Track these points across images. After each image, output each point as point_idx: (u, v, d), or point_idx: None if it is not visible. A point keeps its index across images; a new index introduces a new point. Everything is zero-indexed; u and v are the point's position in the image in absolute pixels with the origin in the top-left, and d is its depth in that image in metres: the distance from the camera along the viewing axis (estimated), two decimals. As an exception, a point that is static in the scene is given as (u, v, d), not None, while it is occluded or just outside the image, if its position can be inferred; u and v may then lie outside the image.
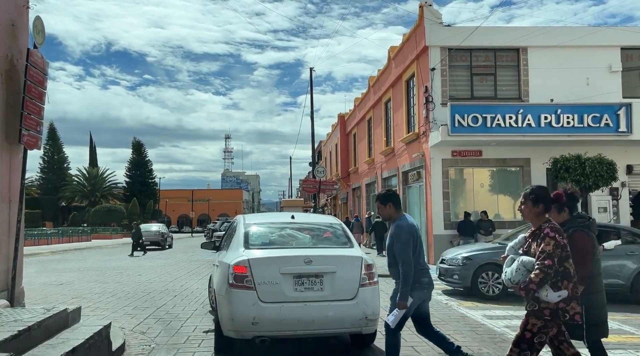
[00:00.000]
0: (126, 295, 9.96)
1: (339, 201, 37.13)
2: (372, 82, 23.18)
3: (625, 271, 8.83)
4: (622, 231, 9.27)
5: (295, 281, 4.95)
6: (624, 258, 8.87)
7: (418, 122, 16.45)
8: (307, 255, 5.09)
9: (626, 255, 8.90)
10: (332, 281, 5.04)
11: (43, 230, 38.13)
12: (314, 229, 5.99)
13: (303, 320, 4.91)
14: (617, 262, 8.83)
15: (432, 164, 15.21)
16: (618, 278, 8.84)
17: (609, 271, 8.59)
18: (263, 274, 4.91)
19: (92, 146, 74.08)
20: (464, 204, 15.33)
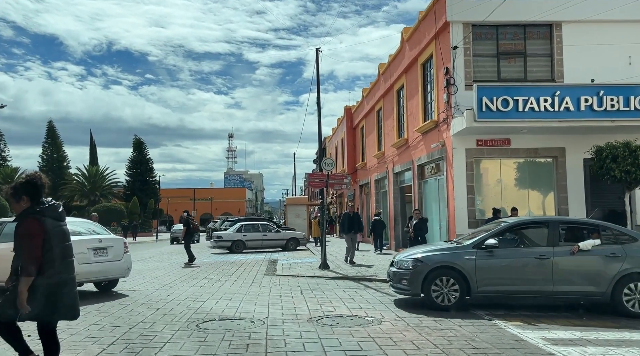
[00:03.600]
0: (99, 308, 8.33)
1: (346, 199, 35.44)
2: (382, 69, 21.48)
3: (603, 277, 7.39)
4: (603, 229, 7.86)
5: (93, 252, 9.46)
6: (603, 261, 7.46)
7: (437, 109, 14.75)
8: (99, 238, 9.75)
9: (606, 258, 7.46)
10: (112, 251, 9.75)
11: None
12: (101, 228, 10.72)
13: (99, 272, 9.58)
14: (595, 266, 7.46)
15: (454, 155, 13.50)
16: (595, 285, 7.42)
17: (583, 277, 7.50)
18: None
19: (92, 145, 72.75)
20: (490, 200, 13.62)
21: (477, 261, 7.61)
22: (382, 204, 23.40)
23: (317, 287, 10.52)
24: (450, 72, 13.58)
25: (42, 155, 65.52)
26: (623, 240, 7.64)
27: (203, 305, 8.53)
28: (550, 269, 7.45)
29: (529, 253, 7.69)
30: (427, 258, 7.94)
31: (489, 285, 7.61)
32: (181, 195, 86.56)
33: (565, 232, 8.11)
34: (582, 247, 7.50)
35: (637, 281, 7.34)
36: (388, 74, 20.57)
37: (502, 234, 8.01)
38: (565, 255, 7.52)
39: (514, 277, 7.58)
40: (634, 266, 7.40)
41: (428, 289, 7.72)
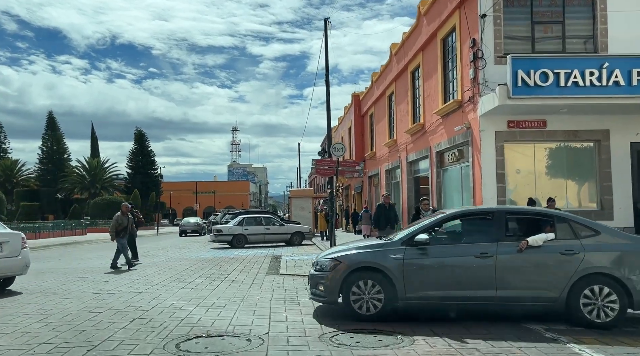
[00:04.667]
0: (62, 318, 6.80)
1: (353, 191, 33.87)
2: (395, 49, 19.81)
3: (557, 278, 6.05)
4: (558, 220, 6.41)
5: None
6: (556, 260, 6.09)
7: (461, 87, 13.10)
8: None
9: (560, 256, 6.09)
10: (7, 247, 9.16)
11: (32, 223, 35.29)
12: None
13: None
14: (546, 265, 6.10)
15: (482, 138, 11.88)
16: (547, 289, 6.07)
17: (533, 279, 6.13)
18: None
19: (93, 137, 71.49)
20: (523, 189, 12.00)
21: (406, 260, 6.28)
22: (394, 196, 21.78)
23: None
24: (477, 44, 11.94)
25: (42, 147, 64.25)
26: (583, 234, 6.23)
27: (190, 314, 6.99)
28: (492, 270, 6.11)
29: (468, 251, 6.29)
30: (347, 257, 6.58)
31: (420, 289, 6.24)
32: (184, 188, 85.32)
33: (514, 224, 6.82)
34: (532, 242, 6.11)
35: (598, 283, 5.97)
36: (401, 54, 18.89)
37: (437, 227, 6.74)
38: (511, 253, 6.15)
39: (449, 280, 6.22)
40: (594, 265, 6.02)
41: (347, 295, 6.36)
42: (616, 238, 6.21)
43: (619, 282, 5.91)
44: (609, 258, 6.04)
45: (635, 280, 5.91)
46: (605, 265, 6.01)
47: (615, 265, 5.98)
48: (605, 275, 5.97)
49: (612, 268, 5.98)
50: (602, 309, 5.90)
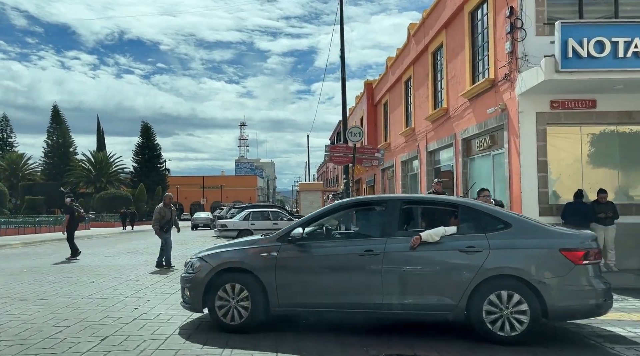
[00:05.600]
0: (17, 334, 5.43)
1: (364, 184, 32.39)
2: (414, 29, 18.24)
3: (455, 282, 4.95)
4: (463, 210, 5.32)
5: None
6: (455, 259, 5.00)
7: (494, 64, 11.55)
8: None
9: (460, 254, 4.99)
10: None
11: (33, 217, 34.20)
12: None
13: None
14: (443, 266, 5.01)
15: (521, 121, 10.35)
16: (442, 295, 4.97)
17: (425, 283, 5.05)
18: None
19: (99, 131, 70.58)
20: (568, 179, 10.47)
21: (280, 260, 5.31)
22: (410, 189, 20.28)
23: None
24: (516, 13, 10.38)
25: (47, 141, 63.40)
26: (490, 228, 5.10)
27: (179, 330, 5.59)
28: (378, 271, 5.05)
29: (353, 248, 5.24)
30: (213, 256, 5.62)
31: (296, 295, 5.25)
32: (191, 183, 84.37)
33: (414, 216, 5.87)
34: (425, 237, 5.05)
35: (505, 288, 4.86)
36: (421, 34, 17.33)
37: (320, 220, 5.75)
38: (402, 251, 5.08)
39: (330, 284, 5.19)
40: (500, 265, 4.89)
41: (212, 302, 5.40)
42: (530, 232, 5.03)
43: (531, 287, 4.78)
44: (519, 256, 4.88)
45: (549, 284, 4.77)
46: (513, 266, 4.85)
47: (526, 266, 4.83)
48: (513, 278, 4.83)
49: (521, 269, 4.82)
50: (509, 320, 4.79)
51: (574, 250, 4.86)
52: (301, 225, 5.50)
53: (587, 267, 4.86)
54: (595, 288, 4.83)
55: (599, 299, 4.82)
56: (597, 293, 4.82)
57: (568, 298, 4.78)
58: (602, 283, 4.91)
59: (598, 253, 5.02)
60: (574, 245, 4.91)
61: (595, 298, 4.82)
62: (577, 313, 4.91)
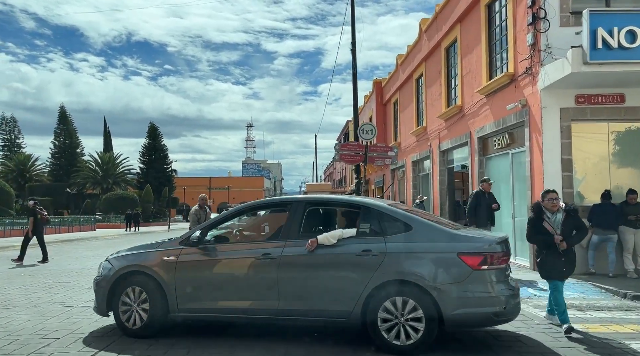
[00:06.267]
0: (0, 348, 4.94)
1: (373, 185, 31.82)
2: (425, 25, 17.66)
3: (350, 287, 4.73)
4: (365, 212, 5.08)
5: None
6: (351, 263, 4.78)
7: (514, 58, 10.95)
8: None
9: (356, 258, 4.77)
10: None
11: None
12: None
13: None
14: (338, 270, 4.82)
15: (544, 117, 9.75)
16: (337, 301, 4.75)
17: (320, 288, 4.84)
18: None
19: (106, 132, 70.59)
20: (594, 179, 9.86)
21: (179, 264, 5.21)
22: (422, 190, 19.70)
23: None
24: (538, 2, 9.79)
25: (54, 142, 63.47)
26: (391, 230, 4.85)
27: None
28: (275, 275, 4.90)
29: (252, 252, 5.13)
30: (119, 259, 5.56)
31: (196, 299, 5.13)
32: (198, 184, 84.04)
33: (319, 218, 5.57)
34: (322, 240, 4.85)
35: (401, 294, 4.59)
36: (433, 29, 16.75)
37: (223, 224, 5.65)
38: (299, 254, 4.91)
39: (230, 288, 5.08)
40: (396, 270, 4.63)
41: (117, 305, 5.33)
42: (430, 235, 4.75)
43: (426, 293, 4.53)
44: (415, 261, 4.62)
45: (445, 290, 4.50)
46: (409, 271, 4.59)
47: (422, 271, 4.56)
48: (409, 284, 4.57)
49: (417, 274, 4.56)
50: (404, 328, 4.54)
51: (473, 254, 4.53)
52: (202, 229, 5.37)
53: (487, 273, 4.53)
54: (495, 295, 4.51)
55: (498, 307, 4.50)
56: (497, 300, 4.51)
57: (464, 306, 4.48)
58: (505, 290, 4.59)
59: (502, 257, 4.64)
60: (473, 249, 4.57)
61: (494, 305, 4.50)
62: (474, 321, 4.62)
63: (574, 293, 7.73)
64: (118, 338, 5.27)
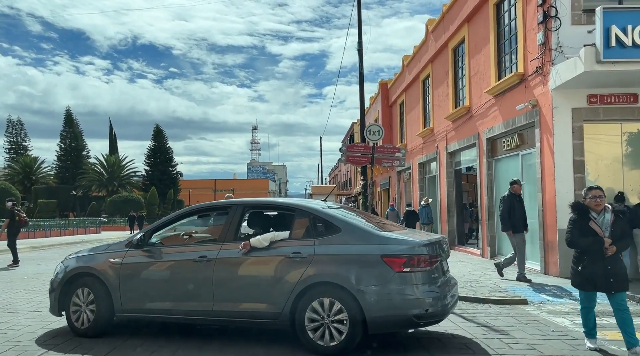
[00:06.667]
0: (-3, 356, 4.82)
1: (379, 187, 31.62)
2: (432, 26, 17.48)
3: (279, 289, 4.82)
4: (299, 215, 5.16)
5: None
6: (281, 266, 4.88)
7: (523, 57, 10.76)
8: None
9: (286, 260, 4.87)
10: None
11: (44, 221, 34.00)
12: None
13: None
14: (268, 272, 4.91)
15: (555, 117, 9.54)
16: (267, 302, 4.86)
17: (251, 289, 4.94)
18: None
19: (111, 134, 70.78)
20: (607, 181, 9.62)
21: (124, 266, 5.41)
22: (429, 192, 19.49)
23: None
24: (549, 0, 9.59)
25: (60, 144, 63.64)
26: (320, 233, 4.94)
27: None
28: (210, 277, 5.04)
29: (191, 254, 5.24)
30: (72, 260, 5.79)
31: (138, 300, 5.30)
32: (203, 187, 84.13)
33: (258, 220, 5.66)
34: (254, 243, 4.98)
35: (326, 296, 4.65)
36: (440, 30, 16.57)
37: (169, 226, 5.78)
38: (234, 256, 5.05)
39: (170, 289, 5.22)
40: (322, 272, 4.70)
41: (67, 306, 5.54)
42: (357, 238, 4.79)
43: (350, 295, 4.56)
44: (341, 263, 4.68)
45: (368, 292, 4.52)
46: (335, 273, 4.66)
47: (347, 273, 4.61)
48: (335, 286, 4.63)
49: (342, 276, 4.61)
50: (329, 329, 4.60)
51: (396, 256, 4.54)
52: (146, 232, 5.55)
53: (409, 275, 4.53)
54: (418, 298, 4.50)
55: (419, 309, 4.49)
56: (419, 302, 4.50)
57: (386, 308, 4.50)
58: (429, 292, 4.57)
59: (427, 260, 4.62)
60: (396, 251, 4.58)
61: (416, 308, 4.49)
62: (396, 324, 4.63)
63: (588, 298, 7.49)
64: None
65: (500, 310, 6.86)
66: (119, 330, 5.59)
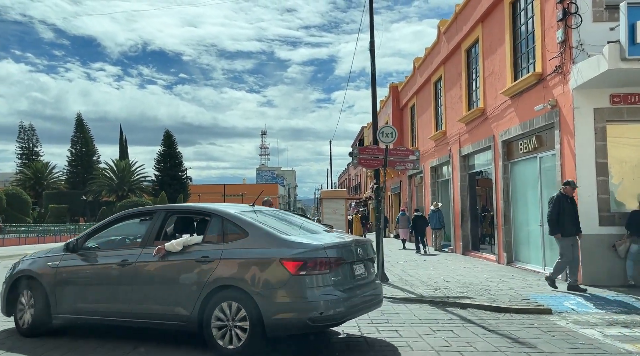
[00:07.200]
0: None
1: (389, 192, 31.24)
2: (444, 27, 17.16)
3: (188, 292, 4.96)
4: (215, 219, 5.26)
5: None
6: (191, 269, 5.02)
7: (541, 56, 10.40)
8: None
9: (195, 264, 5.00)
10: None
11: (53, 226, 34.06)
12: None
13: None
14: (179, 275, 5.05)
15: (576, 118, 9.17)
16: (178, 305, 4.99)
17: (165, 292, 5.09)
18: None
19: (122, 139, 71.06)
20: (632, 184, 9.22)
21: (60, 269, 5.71)
22: (441, 196, 19.10)
23: (382, 320, 6.50)
24: (569, -3, 9.24)
25: (71, 150, 64.08)
26: (230, 237, 5.07)
27: None
28: (130, 280, 5.29)
29: (115, 258, 5.50)
30: (18, 263, 6.18)
31: (71, 302, 5.59)
32: (212, 191, 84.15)
33: (180, 225, 5.72)
34: (169, 247, 5.15)
35: (230, 299, 4.78)
36: (453, 30, 16.24)
37: (102, 231, 5.97)
38: (151, 260, 5.24)
39: (98, 292, 5.50)
40: (226, 276, 4.82)
41: (14, 307, 5.93)
42: (261, 241, 4.88)
43: (250, 298, 4.67)
44: (243, 266, 4.78)
45: (266, 295, 4.61)
46: (237, 276, 4.76)
47: (248, 276, 4.71)
48: (238, 289, 4.75)
49: (243, 279, 4.72)
50: (234, 332, 4.71)
51: (293, 260, 4.61)
52: (82, 236, 5.84)
53: (306, 278, 4.56)
54: (312, 301, 4.52)
55: (314, 312, 4.51)
56: (314, 306, 4.52)
57: (282, 311, 4.58)
58: (326, 295, 4.58)
59: (324, 263, 4.64)
60: (293, 254, 4.64)
61: (310, 311, 4.51)
62: (292, 327, 4.64)
63: (616, 308, 7.11)
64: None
65: (523, 320, 6.50)
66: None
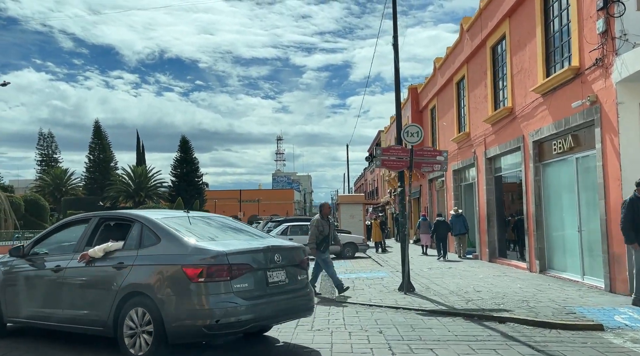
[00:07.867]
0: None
1: (408, 196, 30.47)
2: (467, 24, 16.48)
3: (104, 297, 4.95)
4: (135, 225, 5.26)
5: None
6: (107, 275, 5.02)
7: (579, 49, 9.69)
8: None
9: (112, 270, 4.99)
10: None
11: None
12: None
13: None
14: (98, 281, 5.10)
15: (620, 114, 8.43)
16: (96, 311, 5.01)
17: (86, 297, 5.17)
18: None
19: (139, 146, 71.49)
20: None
21: (7, 274, 5.94)
22: (464, 201, 18.35)
23: (414, 336, 5.88)
24: (610, -17, 8.54)
25: (89, 156, 64.67)
26: (146, 242, 5.06)
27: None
28: (59, 286, 5.41)
29: (51, 264, 5.62)
30: None
31: (16, 307, 5.78)
32: (228, 197, 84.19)
33: (113, 232, 5.65)
34: (92, 253, 5.22)
35: (139, 306, 4.73)
36: (477, 27, 15.56)
37: (48, 238, 6.16)
38: (78, 266, 5.32)
39: (38, 296, 5.63)
40: (136, 282, 4.80)
41: None
42: (170, 248, 4.85)
43: (154, 305, 4.64)
44: (150, 273, 4.79)
45: (167, 302, 4.58)
46: (144, 282, 4.78)
47: (154, 282, 4.72)
48: (145, 295, 4.74)
49: (150, 286, 4.72)
50: (142, 338, 4.70)
51: (193, 267, 4.58)
52: (29, 242, 5.98)
53: (204, 285, 4.51)
54: (208, 308, 4.47)
55: (209, 320, 4.46)
56: (210, 313, 4.46)
57: (181, 318, 4.54)
58: (224, 303, 4.50)
59: (223, 270, 4.56)
60: (194, 261, 4.60)
61: (206, 318, 4.47)
62: (189, 334, 4.59)
63: (674, 323, 6.35)
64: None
65: (573, 338, 5.80)
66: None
